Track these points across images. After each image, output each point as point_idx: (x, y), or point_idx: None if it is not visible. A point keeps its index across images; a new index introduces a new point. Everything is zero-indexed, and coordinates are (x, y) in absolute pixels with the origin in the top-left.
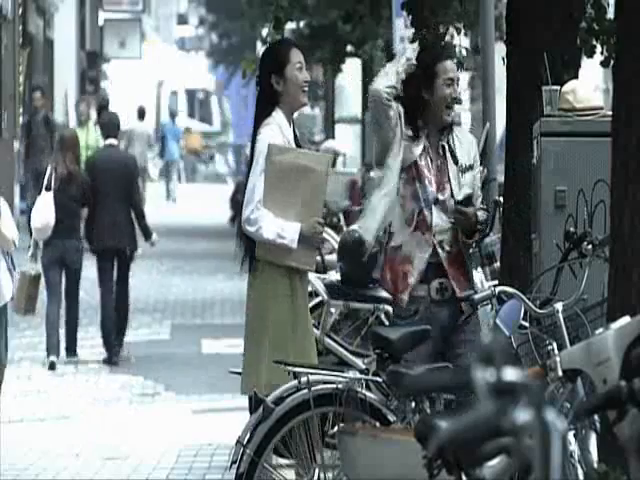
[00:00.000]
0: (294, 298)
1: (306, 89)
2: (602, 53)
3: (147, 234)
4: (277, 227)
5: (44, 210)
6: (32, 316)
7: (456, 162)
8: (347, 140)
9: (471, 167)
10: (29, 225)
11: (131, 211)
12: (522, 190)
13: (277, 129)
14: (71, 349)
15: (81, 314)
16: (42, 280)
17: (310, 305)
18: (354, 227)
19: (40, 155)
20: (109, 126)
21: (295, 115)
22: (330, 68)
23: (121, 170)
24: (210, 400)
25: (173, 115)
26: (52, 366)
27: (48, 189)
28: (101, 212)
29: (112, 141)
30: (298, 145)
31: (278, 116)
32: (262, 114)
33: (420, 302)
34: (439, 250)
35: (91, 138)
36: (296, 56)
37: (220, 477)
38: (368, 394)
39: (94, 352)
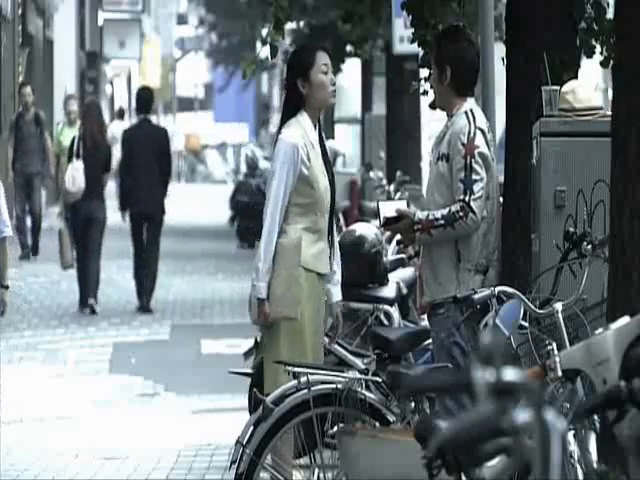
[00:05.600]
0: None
1: (334, 90)
2: (602, 53)
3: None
4: (262, 281)
5: (76, 176)
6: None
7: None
8: (347, 140)
9: (446, 157)
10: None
11: (161, 180)
12: (522, 190)
13: (299, 131)
14: (95, 298)
15: (83, 318)
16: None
17: None
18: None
19: (29, 157)
20: (143, 102)
21: None
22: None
23: (153, 142)
24: (210, 400)
25: None
26: (93, 311)
27: (78, 156)
28: (135, 181)
29: (146, 116)
30: (323, 145)
31: (302, 119)
32: (287, 116)
33: None
34: None
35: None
36: (321, 58)
37: (220, 477)
38: (368, 394)
39: (94, 352)
